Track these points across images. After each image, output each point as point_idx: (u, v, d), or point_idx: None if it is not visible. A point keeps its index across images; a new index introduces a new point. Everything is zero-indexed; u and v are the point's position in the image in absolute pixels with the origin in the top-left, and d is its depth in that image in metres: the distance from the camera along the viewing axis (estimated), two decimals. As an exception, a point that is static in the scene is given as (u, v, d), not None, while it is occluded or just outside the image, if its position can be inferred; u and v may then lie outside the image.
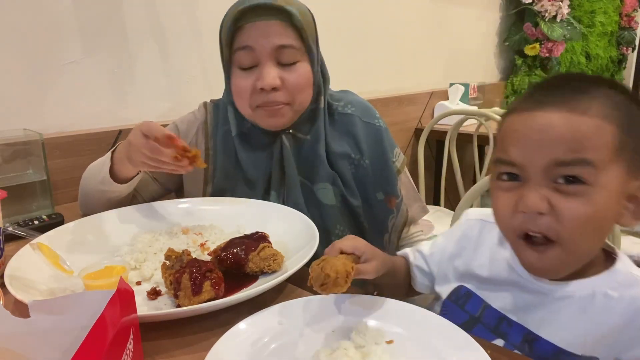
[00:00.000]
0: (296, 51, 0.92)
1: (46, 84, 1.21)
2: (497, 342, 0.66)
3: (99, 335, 0.38)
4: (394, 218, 1.04)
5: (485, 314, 0.69)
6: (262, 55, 0.91)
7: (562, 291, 0.63)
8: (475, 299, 0.71)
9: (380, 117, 1.07)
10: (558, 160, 0.55)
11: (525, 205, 0.57)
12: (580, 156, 0.54)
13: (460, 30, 2.68)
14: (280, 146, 0.99)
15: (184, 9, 1.45)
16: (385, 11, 2.18)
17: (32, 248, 0.74)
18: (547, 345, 0.63)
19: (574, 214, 0.55)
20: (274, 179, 1.00)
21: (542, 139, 0.56)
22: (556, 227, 0.56)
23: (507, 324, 0.67)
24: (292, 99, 0.94)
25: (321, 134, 1.01)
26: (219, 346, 0.55)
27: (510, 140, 0.59)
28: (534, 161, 0.56)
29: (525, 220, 0.58)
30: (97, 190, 0.94)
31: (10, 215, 1.00)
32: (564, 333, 0.62)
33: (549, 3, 2.83)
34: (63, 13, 1.21)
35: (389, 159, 1.04)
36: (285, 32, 0.90)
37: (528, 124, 0.57)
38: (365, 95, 1.16)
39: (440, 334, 0.58)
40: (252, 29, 0.90)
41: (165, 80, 1.45)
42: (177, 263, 0.71)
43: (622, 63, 4.04)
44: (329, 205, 0.99)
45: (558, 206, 0.56)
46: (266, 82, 0.90)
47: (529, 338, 0.65)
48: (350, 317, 0.63)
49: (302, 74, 0.93)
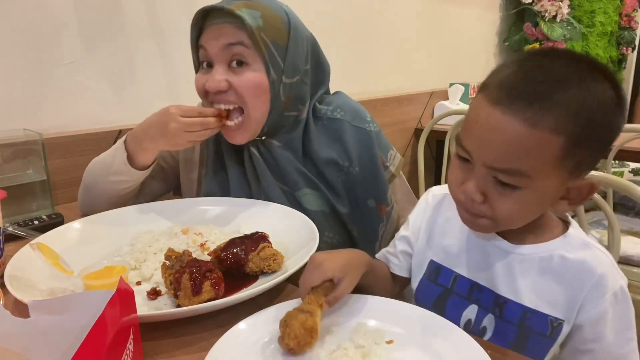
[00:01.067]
0: (247, 53, 0.90)
1: (46, 84, 1.21)
2: (471, 307, 0.72)
3: (99, 335, 0.38)
4: (384, 226, 1.02)
5: (457, 284, 0.74)
6: (213, 55, 0.91)
7: (522, 253, 0.69)
8: (446, 271, 0.76)
9: (372, 121, 1.03)
10: (496, 165, 0.60)
11: (465, 190, 0.64)
12: (515, 167, 0.59)
13: (460, 30, 2.68)
14: (250, 156, 0.99)
15: (184, 9, 1.45)
16: (385, 11, 2.17)
17: (32, 248, 0.74)
18: (516, 307, 0.68)
19: (505, 209, 0.62)
20: (252, 189, 0.99)
21: (489, 140, 0.60)
22: (489, 212, 0.63)
23: (478, 289, 0.72)
24: (241, 102, 0.92)
25: (295, 143, 0.99)
26: (219, 346, 0.55)
27: (470, 126, 0.63)
28: (479, 156, 0.61)
29: (465, 199, 0.65)
30: (107, 182, 0.95)
31: (10, 215, 1.00)
32: (529, 294, 0.67)
33: (549, 3, 2.83)
34: (63, 13, 1.21)
35: (379, 165, 1.01)
36: (236, 33, 0.89)
37: (485, 118, 0.60)
38: (365, 95, 1.15)
39: (440, 334, 0.58)
40: (208, 30, 0.92)
41: (165, 80, 1.45)
42: (177, 263, 0.71)
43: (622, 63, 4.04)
44: (315, 211, 0.96)
45: (492, 200, 0.62)
46: (210, 83, 0.91)
47: (498, 302, 0.69)
48: (350, 317, 0.63)
49: (251, 78, 0.90)
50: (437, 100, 2.48)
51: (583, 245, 0.67)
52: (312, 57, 0.99)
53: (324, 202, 0.98)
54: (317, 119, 1.02)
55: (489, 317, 0.70)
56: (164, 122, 0.89)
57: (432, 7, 2.44)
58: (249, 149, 0.98)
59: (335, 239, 0.99)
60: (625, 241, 1.67)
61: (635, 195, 1.06)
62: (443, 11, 2.52)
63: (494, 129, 0.59)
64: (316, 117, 1.02)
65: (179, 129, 0.88)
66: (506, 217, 0.63)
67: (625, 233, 1.87)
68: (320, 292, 0.61)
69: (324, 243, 0.97)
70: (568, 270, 0.66)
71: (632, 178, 2.68)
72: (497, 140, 0.59)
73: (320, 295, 0.61)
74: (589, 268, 0.65)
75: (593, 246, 0.68)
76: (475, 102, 0.64)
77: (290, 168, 0.97)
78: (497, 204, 0.62)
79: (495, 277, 0.70)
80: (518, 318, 0.67)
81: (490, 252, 0.71)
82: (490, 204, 0.63)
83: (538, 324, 0.66)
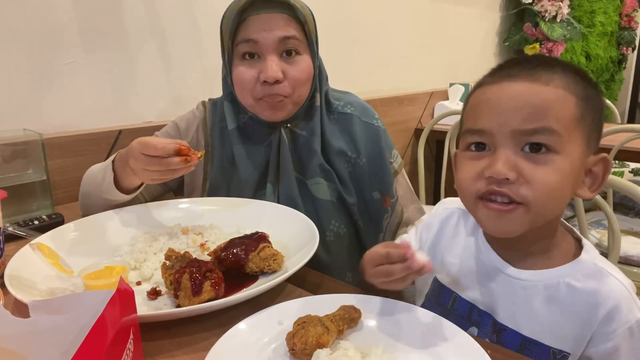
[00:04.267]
0: (299, 43, 0.94)
1: (46, 84, 1.21)
2: (471, 330, 0.68)
3: (99, 335, 0.38)
4: (389, 217, 1.05)
5: (456, 305, 0.71)
6: (265, 48, 0.92)
7: (526, 279, 0.64)
8: (445, 291, 0.72)
9: (380, 119, 1.08)
10: (526, 127, 0.57)
11: (494, 171, 0.57)
12: (546, 124, 0.57)
13: (460, 30, 2.68)
14: (279, 140, 1.01)
15: (184, 9, 1.45)
16: (385, 11, 2.17)
17: (32, 248, 0.74)
18: (515, 335, 0.64)
19: (544, 180, 0.57)
20: (270, 172, 1.01)
21: (509, 106, 0.58)
22: (524, 192, 0.57)
23: (478, 313, 0.68)
24: (293, 91, 0.95)
25: (317, 130, 1.02)
26: (219, 346, 0.55)
27: (480, 110, 0.61)
28: (503, 127, 0.58)
29: (490, 186, 0.59)
30: (99, 197, 0.94)
31: (10, 215, 1.00)
32: (531, 323, 0.63)
33: (549, 3, 2.82)
34: (63, 13, 1.21)
35: (386, 159, 1.05)
36: (289, 24, 0.92)
37: (496, 93, 0.60)
38: (365, 95, 1.16)
39: (440, 334, 0.58)
40: (255, 21, 0.92)
41: (165, 80, 1.45)
42: (177, 263, 0.71)
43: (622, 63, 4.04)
44: (324, 200, 1.00)
45: (527, 173, 0.57)
46: (269, 74, 0.91)
47: (496, 328, 0.66)
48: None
49: (304, 68, 0.95)
50: (437, 100, 2.48)
51: (596, 273, 0.62)
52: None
53: (332, 192, 1.01)
54: (329, 112, 1.06)
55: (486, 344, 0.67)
56: (127, 157, 0.84)
57: (432, 7, 2.44)
58: (280, 133, 1.01)
59: (341, 229, 1.01)
60: (625, 241, 1.67)
61: (635, 195, 1.06)
62: (443, 11, 2.52)
63: (511, 97, 0.58)
64: (328, 111, 1.06)
65: (139, 167, 0.82)
66: (544, 191, 0.57)
67: (625, 233, 1.87)
68: (346, 318, 0.60)
69: (330, 232, 1.00)
70: (576, 301, 0.61)
71: (632, 178, 2.68)
72: (520, 104, 0.58)
73: (344, 321, 0.59)
74: (600, 300, 0.60)
75: (608, 274, 0.62)
76: (475, 96, 0.64)
77: (310, 155, 1.01)
78: (534, 175, 0.57)
79: (495, 303, 0.66)
80: (517, 347, 0.63)
81: (492, 275, 0.67)
82: (525, 178, 0.57)
83: (539, 355, 0.62)
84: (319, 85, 1.03)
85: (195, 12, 1.48)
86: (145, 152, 0.80)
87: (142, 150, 0.80)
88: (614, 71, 3.95)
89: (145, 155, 0.80)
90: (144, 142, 0.81)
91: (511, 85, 0.59)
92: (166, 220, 0.94)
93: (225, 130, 1.04)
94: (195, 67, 1.50)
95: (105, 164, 0.95)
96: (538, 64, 0.61)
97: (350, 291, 0.71)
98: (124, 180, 0.90)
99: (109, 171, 0.91)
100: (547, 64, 0.61)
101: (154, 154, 0.79)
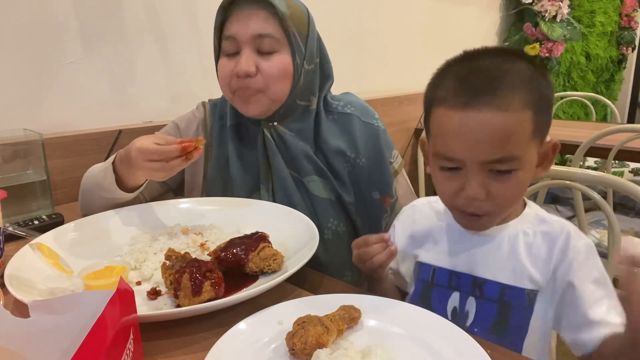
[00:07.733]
0: (275, 41, 0.94)
1: (46, 84, 1.21)
2: (453, 295, 0.76)
3: (99, 335, 0.38)
4: (388, 217, 1.05)
5: (436, 276, 0.79)
6: (242, 43, 0.94)
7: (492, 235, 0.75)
8: (425, 267, 0.80)
9: (380, 119, 1.08)
10: (491, 158, 0.65)
11: (468, 194, 0.67)
12: (508, 153, 0.64)
13: (460, 30, 2.68)
14: (263, 138, 1.01)
15: (184, 9, 1.45)
16: (385, 11, 2.18)
17: (32, 248, 0.74)
18: (494, 285, 0.73)
19: (506, 195, 0.68)
20: (261, 172, 1.01)
21: (477, 139, 0.64)
22: (487, 207, 0.68)
23: (456, 276, 0.77)
24: (266, 86, 0.95)
25: (307, 129, 1.02)
26: (219, 346, 0.55)
27: (450, 138, 0.67)
28: (473, 157, 0.66)
29: (466, 203, 0.69)
30: (100, 196, 0.94)
31: (10, 215, 0.99)
32: (504, 272, 0.73)
33: (549, 3, 2.83)
34: (63, 13, 1.21)
35: (386, 159, 1.05)
36: (266, 21, 0.93)
37: (466, 123, 0.65)
38: (365, 95, 1.16)
39: (440, 334, 0.58)
40: (235, 18, 0.94)
41: (165, 80, 1.45)
42: (177, 263, 0.71)
43: (622, 63, 4.04)
44: (322, 197, 1.00)
45: (494, 191, 0.67)
46: (240, 67, 0.93)
47: (477, 283, 0.75)
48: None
49: (277, 64, 0.95)
50: (437, 100, 2.48)
51: (540, 221, 0.75)
52: (320, 51, 1.04)
53: (330, 190, 1.02)
54: (328, 112, 1.07)
55: (471, 300, 0.75)
56: (130, 164, 0.86)
57: (432, 7, 2.44)
58: (263, 132, 1.01)
59: (339, 227, 1.02)
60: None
61: (635, 195, 1.06)
62: (443, 11, 2.52)
63: (475, 129, 0.64)
64: (327, 111, 1.07)
65: (146, 175, 0.88)
66: (507, 202, 0.69)
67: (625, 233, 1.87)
68: (346, 317, 0.60)
69: (328, 230, 1.01)
70: (532, 244, 0.73)
71: (632, 178, 2.68)
72: (483, 137, 0.64)
73: (344, 321, 0.59)
74: (554, 237, 0.72)
75: (550, 219, 0.75)
76: (440, 116, 0.68)
77: (300, 155, 1.01)
78: (499, 192, 0.67)
79: (473, 262, 0.76)
80: (497, 295, 0.73)
81: (464, 240, 0.77)
82: (492, 196, 0.67)
83: (516, 299, 0.72)
84: (317, 88, 1.03)
85: (195, 11, 1.48)
86: (149, 159, 0.83)
87: (146, 157, 0.83)
88: (614, 71, 3.96)
89: (151, 161, 0.83)
90: (140, 143, 0.83)
91: (478, 116, 0.64)
92: (166, 220, 0.94)
93: (224, 129, 1.05)
94: (195, 67, 1.50)
95: (106, 164, 0.95)
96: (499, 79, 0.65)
97: (350, 291, 0.71)
98: (129, 180, 0.91)
99: (110, 172, 0.91)
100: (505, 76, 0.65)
101: (159, 159, 0.83)
